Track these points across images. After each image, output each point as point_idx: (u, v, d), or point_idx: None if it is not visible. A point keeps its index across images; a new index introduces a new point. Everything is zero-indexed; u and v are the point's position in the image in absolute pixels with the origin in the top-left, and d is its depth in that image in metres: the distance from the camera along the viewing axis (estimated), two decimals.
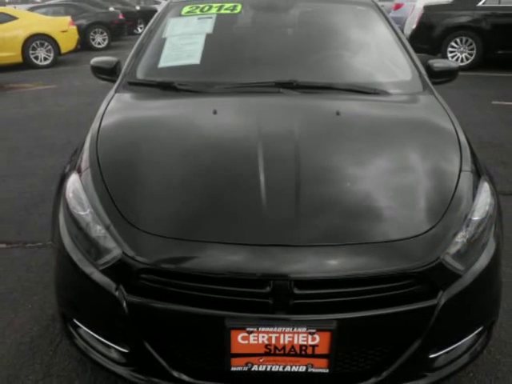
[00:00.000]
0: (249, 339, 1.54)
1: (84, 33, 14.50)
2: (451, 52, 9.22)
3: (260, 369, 1.60)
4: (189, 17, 2.86)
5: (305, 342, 1.54)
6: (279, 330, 1.52)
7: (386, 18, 2.95)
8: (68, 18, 12.73)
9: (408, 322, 1.60)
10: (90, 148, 2.03)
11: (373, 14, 2.97)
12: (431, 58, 4.41)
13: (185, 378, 1.66)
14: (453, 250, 1.63)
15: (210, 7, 2.87)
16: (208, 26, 2.77)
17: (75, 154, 2.18)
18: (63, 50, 12.10)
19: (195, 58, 2.63)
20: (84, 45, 14.46)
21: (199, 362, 1.67)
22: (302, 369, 1.60)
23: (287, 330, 1.52)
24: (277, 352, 1.56)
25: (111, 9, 16.28)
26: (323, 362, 1.58)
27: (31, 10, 14.83)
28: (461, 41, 9.15)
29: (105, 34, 15.25)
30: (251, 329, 1.52)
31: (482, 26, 8.85)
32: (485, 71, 8.85)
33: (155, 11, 9.47)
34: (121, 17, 16.05)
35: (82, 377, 2.08)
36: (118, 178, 1.88)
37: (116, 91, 2.56)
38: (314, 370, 1.60)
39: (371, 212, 1.70)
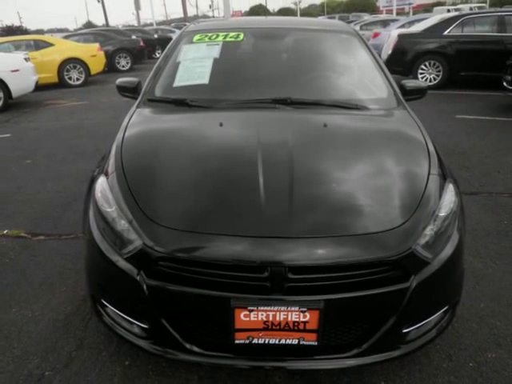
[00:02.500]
0: (250, 317, 1.54)
1: (110, 57, 14.51)
2: (421, 73, 9.18)
3: (259, 342, 1.60)
4: (199, 44, 2.86)
5: (297, 319, 1.54)
6: (275, 308, 1.53)
7: (366, 45, 2.95)
8: (97, 45, 12.77)
9: (384, 302, 1.60)
10: (116, 155, 2.03)
11: (355, 41, 2.97)
12: (404, 78, 4.42)
13: (196, 349, 1.66)
14: (422, 241, 1.64)
15: (217, 36, 2.88)
16: (215, 51, 2.77)
17: (103, 160, 2.18)
18: (93, 71, 12.14)
19: (204, 79, 2.63)
20: (110, 67, 14.47)
21: (208, 335, 1.68)
22: (295, 342, 1.60)
23: (282, 308, 1.53)
24: (273, 327, 1.57)
25: (133, 37, 16.25)
26: (313, 335, 1.58)
27: (66, 37, 14.81)
28: (429, 64, 9.12)
29: (128, 58, 15.24)
30: (252, 308, 1.53)
31: (447, 51, 8.82)
32: (450, 90, 8.83)
33: (170, 39, 9.44)
34: (142, 44, 16.04)
35: (108, 348, 2.08)
36: (139, 179, 1.88)
37: (137, 107, 2.56)
38: (304, 343, 1.60)
39: (353, 209, 1.71)
